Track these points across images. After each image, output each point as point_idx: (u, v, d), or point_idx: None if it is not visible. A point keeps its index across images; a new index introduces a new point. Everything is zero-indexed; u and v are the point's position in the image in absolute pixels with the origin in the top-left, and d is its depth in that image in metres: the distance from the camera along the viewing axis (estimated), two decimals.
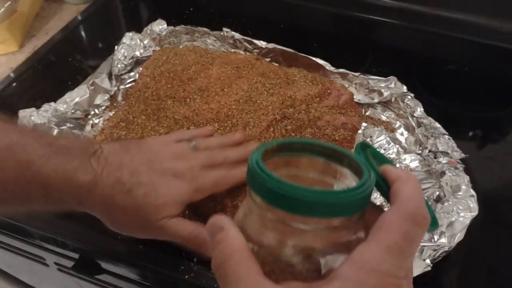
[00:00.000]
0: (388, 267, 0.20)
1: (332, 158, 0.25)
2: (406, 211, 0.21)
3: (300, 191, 0.20)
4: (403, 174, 0.23)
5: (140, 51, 0.68)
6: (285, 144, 0.25)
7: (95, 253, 0.49)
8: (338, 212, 0.21)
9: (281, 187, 0.21)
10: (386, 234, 0.21)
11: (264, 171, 0.21)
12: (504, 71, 0.70)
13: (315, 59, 0.64)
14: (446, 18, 0.75)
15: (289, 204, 0.21)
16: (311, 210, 0.21)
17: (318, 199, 0.20)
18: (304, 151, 0.25)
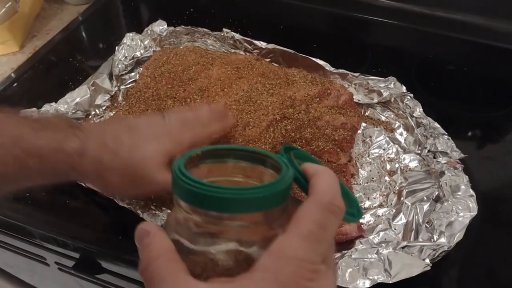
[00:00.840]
0: (304, 253, 0.21)
1: (256, 161, 0.26)
2: (321, 201, 0.23)
3: (219, 189, 0.21)
4: (320, 168, 0.25)
5: (140, 51, 0.68)
6: (209, 150, 0.26)
7: (95, 252, 0.49)
8: (258, 206, 0.22)
9: (200, 188, 0.21)
10: (301, 224, 0.22)
11: (184, 174, 0.22)
12: (504, 71, 0.70)
13: (315, 59, 0.64)
14: (446, 18, 0.75)
15: (209, 203, 0.22)
16: (231, 206, 0.22)
17: (236, 195, 0.21)
18: (229, 157, 0.26)
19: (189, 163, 0.24)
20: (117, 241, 0.48)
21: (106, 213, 0.51)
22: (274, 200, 0.23)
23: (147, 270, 0.22)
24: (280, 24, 0.78)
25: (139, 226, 0.24)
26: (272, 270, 0.21)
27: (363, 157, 0.56)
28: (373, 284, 0.42)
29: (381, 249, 0.45)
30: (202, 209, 0.22)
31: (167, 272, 0.22)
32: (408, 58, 0.72)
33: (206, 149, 0.26)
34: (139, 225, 0.24)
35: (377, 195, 0.52)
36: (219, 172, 0.26)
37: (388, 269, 0.43)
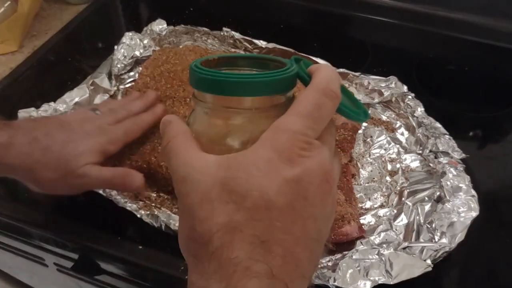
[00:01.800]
0: (298, 127, 0.24)
1: (268, 67, 0.28)
2: (317, 86, 0.25)
3: (227, 75, 0.24)
4: (322, 65, 0.27)
5: (140, 51, 0.68)
6: (224, 57, 0.29)
7: (94, 253, 0.49)
8: (262, 90, 0.25)
9: (211, 74, 0.24)
10: (298, 104, 0.24)
11: (198, 66, 0.25)
12: (505, 71, 0.70)
13: (315, 59, 0.64)
14: (447, 18, 0.75)
15: (220, 88, 0.25)
16: (238, 89, 0.24)
17: (243, 79, 0.24)
18: (242, 63, 0.29)
19: (205, 66, 0.26)
20: (116, 242, 0.48)
21: (105, 214, 0.51)
22: (277, 86, 0.25)
23: (166, 147, 0.26)
24: (280, 24, 0.77)
25: (163, 118, 0.28)
26: (268, 139, 0.23)
27: (364, 157, 0.56)
28: (374, 285, 0.42)
29: (382, 250, 0.44)
30: (212, 93, 0.25)
31: (182, 146, 0.25)
32: (409, 57, 0.71)
33: (221, 56, 0.28)
34: (163, 118, 0.28)
35: (378, 196, 0.52)
36: None
37: (389, 270, 0.43)
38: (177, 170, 0.25)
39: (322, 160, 0.24)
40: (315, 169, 0.23)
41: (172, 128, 0.27)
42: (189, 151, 0.25)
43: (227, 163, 0.23)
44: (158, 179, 0.51)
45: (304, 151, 0.23)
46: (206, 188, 0.23)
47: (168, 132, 0.27)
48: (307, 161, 0.23)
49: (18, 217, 0.51)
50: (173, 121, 0.27)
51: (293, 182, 0.23)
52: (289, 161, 0.23)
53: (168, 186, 0.51)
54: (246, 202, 0.22)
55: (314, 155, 0.24)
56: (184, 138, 0.26)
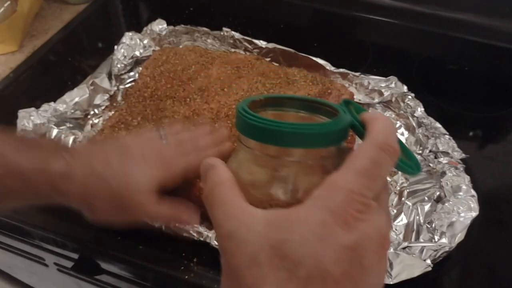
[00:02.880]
0: (355, 186, 0.22)
1: (316, 110, 0.27)
2: (375, 141, 0.23)
3: (277, 123, 0.23)
4: (377, 114, 0.25)
5: (140, 51, 0.68)
6: (271, 98, 0.27)
7: (94, 253, 0.49)
8: (313, 142, 0.23)
9: (260, 122, 0.23)
10: (355, 160, 0.23)
11: (247, 111, 0.24)
12: (505, 71, 0.70)
13: (315, 59, 0.64)
14: (447, 18, 0.75)
15: (270, 137, 0.23)
16: (288, 140, 0.23)
17: (293, 129, 0.23)
18: (289, 106, 0.27)
19: (251, 107, 0.25)
20: (116, 242, 0.48)
21: None
22: (329, 138, 0.24)
23: (209, 195, 0.24)
24: (280, 23, 0.77)
25: (204, 160, 0.26)
26: (323, 198, 0.22)
27: None
28: None
29: None
30: (261, 142, 0.24)
31: (226, 196, 0.24)
32: (409, 57, 0.71)
33: (268, 96, 0.27)
34: (204, 160, 0.26)
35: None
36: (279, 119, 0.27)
37: (389, 270, 0.43)
38: (221, 224, 0.23)
39: (379, 224, 0.22)
40: (373, 234, 0.22)
41: (216, 174, 0.25)
42: (235, 203, 0.23)
43: (278, 222, 0.22)
44: None
45: (361, 213, 0.22)
46: (255, 249, 0.21)
47: (211, 178, 0.25)
48: (364, 225, 0.21)
49: (18, 217, 0.51)
50: (216, 165, 0.25)
51: (350, 249, 0.21)
52: (346, 225, 0.21)
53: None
54: (299, 271, 0.20)
55: (371, 219, 0.22)
56: (229, 187, 0.24)
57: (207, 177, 0.25)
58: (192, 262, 0.46)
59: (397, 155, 0.24)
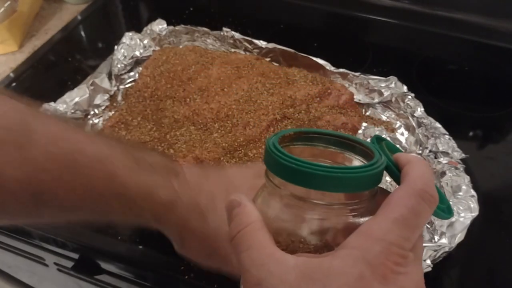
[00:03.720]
0: (394, 237, 0.21)
1: (346, 147, 0.26)
2: (414, 188, 0.22)
3: (310, 165, 0.22)
4: (413, 157, 0.24)
5: (140, 51, 0.68)
6: (301, 132, 0.26)
7: (94, 253, 0.49)
8: (346, 187, 0.22)
9: (292, 162, 0.22)
10: (393, 208, 0.21)
11: (277, 149, 0.23)
12: (505, 71, 0.70)
13: (315, 59, 0.64)
14: (447, 18, 0.75)
15: (303, 179, 0.22)
16: (320, 183, 0.22)
17: (326, 173, 0.21)
18: (319, 141, 0.26)
19: (280, 142, 0.25)
20: (117, 242, 0.48)
21: None
22: (364, 182, 0.23)
23: (236, 237, 0.23)
24: (280, 23, 0.77)
25: (231, 197, 0.25)
26: (359, 248, 0.21)
27: None
28: None
29: None
30: (292, 183, 0.23)
31: (255, 240, 0.22)
32: (409, 57, 0.71)
33: (298, 130, 0.27)
34: (230, 197, 0.25)
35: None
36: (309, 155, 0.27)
37: None
38: (249, 270, 0.22)
39: (417, 277, 0.21)
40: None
41: (243, 213, 0.24)
42: (265, 248, 0.22)
43: (310, 273, 0.20)
44: None
45: (399, 266, 0.21)
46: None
47: (238, 217, 0.24)
48: (402, 278, 0.21)
49: None
50: (243, 203, 0.24)
51: None
52: (383, 279, 0.20)
53: None
54: None
55: (409, 272, 0.21)
56: (258, 229, 0.23)
57: (233, 216, 0.24)
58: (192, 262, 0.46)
59: (436, 203, 0.23)
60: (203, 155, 0.50)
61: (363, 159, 0.25)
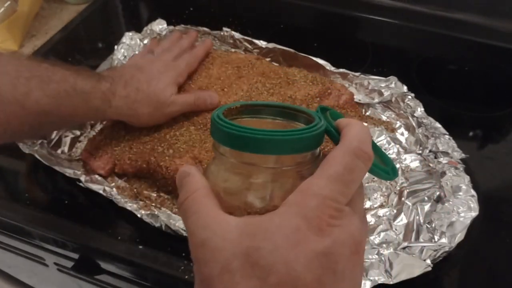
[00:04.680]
0: (328, 192, 0.22)
1: (292, 117, 0.27)
2: (349, 146, 0.23)
3: (252, 130, 0.23)
4: (352, 120, 0.25)
5: (140, 51, 0.68)
6: (246, 105, 0.27)
7: (94, 253, 0.49)
8: (288, 149, 0.23)
9: (235, 129, 0.23)
10: (328, 166, 0.23)
11: (221, 119, 0.24)
12: (505, 71, 0.70)
13: (315, 59, 0.64)
14: (447, 18, 0.75)
15: (244, 144, 0.23)
16: (263, 147, 0.23)
17: (268, 136, 0.22)
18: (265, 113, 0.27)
19: (227, 115, 0.25)
20: (117, 242, 0.48)
21: (105, 213, 0.51)
22: (304, 144, 0.23)
23: (184, 203, 0.24)
24: (280, 23, 0.77)
25: (181, 168, 0.26)
26: (296, 204, 0.22)
27: None
28: (374, 285, 0.42)
29: (381, 250, 0.45)
30: (236, 149, 0.23)
31: (201, 205, 0.23)
32: (409, 57, 0.71)
33: (244, 103, 0.27)
34: (181, 168, 0.26)
35: (378, 196, 0.52)
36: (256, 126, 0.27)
37: (388, 269, 0.43)
38: (195, 232, 0.23)
39: (353, 229, 0.22)
40: (346, 240, 0.22)
41: (191, 182, 0.25)
42: (210, 211, 0.23)
43: (251, 230, 0.21)
44: (158, 179, 0.51)
45: (334, 219, 0.22)
46: (227, 257, 0.21)
47: (186, 186, 0.25)
48: (337, 231, 0.22)
49: (18, 217, 0.51)
50: (192, 173, 0.25)
51: (322, 255, 0.21)
52: (319, 231, 0.21)
53: (168, 186, 0.51)
54: (270, 278, 0.20)
55: (344, 224, 0.22)
56: (203, 195, 0.24)
57: (182, 185, 0.25)
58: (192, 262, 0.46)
59: (371, 160, 0.24)
60: (201, 155, 0.50)
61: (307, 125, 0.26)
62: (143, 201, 0.51)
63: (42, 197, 0.53)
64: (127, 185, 0.53)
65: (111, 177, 0.54)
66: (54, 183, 0.54)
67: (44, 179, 0.54)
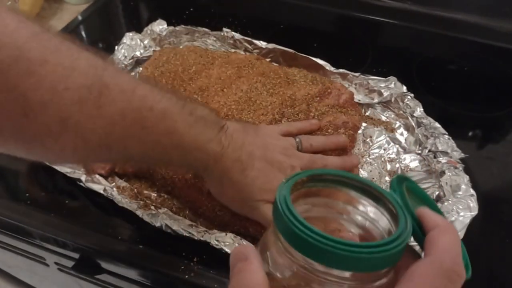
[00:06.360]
0: None
1: (366, 193, 0.24)
2: (441, 266, 0.20)
3: (328, 241, 0.19)
4: (442, 222, 0.22)
5: (140, 51, 0.68)
6: (316, 175, 0.24)
7: (95, 253, 0.49)
8: (367, 266, 0.20)
9: (307, 234, 0.19)
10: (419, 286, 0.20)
11: (290, 211, 0.20)
12: (505, 71, 0.70)
13: (315, 59, 0.64)
14: (447, 18, 0.75)
15: (313, 252, 0.20)
16: (337, 262, 0.20)
17: (346, 252, 0.19)
18: (335, 183, 0.24)
19: (293, 188, 0.22)
20: (117, 241, 0.48)
21: (106, 213, 0.51)
22: (387, 261, 0.20)
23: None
24: (280, 24, 0.78)
25: (237, 247, 0.23)
26: None
27: (364, 157, 0.56)
28: None
29: None
30: (303, 254, 0.20)
31: None
32: (409, 58, 0.72)
33: (312, 173, 0.23)
34: (237, 247, 0.23)
35: None
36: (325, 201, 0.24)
37: None
38: None
39: None
40: None
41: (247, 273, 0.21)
42: None
43: None
44: (158, 179, 0.51)
45: None
46: None
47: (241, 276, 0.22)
48: None
49: (19, 217, 0.52)
50: (249, 259, 0.22)
51: None
52: None
53: (167, 186, 0.51)
54: None
55: None
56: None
57: (237, 271, 0.22)
58: (192, 262, 0.46)
59: (462, 282, 0.20)
60: None
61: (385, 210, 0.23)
62: (143, 201, 0.51)
63: (43, 197, 0.53)
64: (128, 185, 0.53)
65: (111, 177, 0.54)
66: (55, 183, 0.54)
67: (44, 179, 0.54)
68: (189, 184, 0.49)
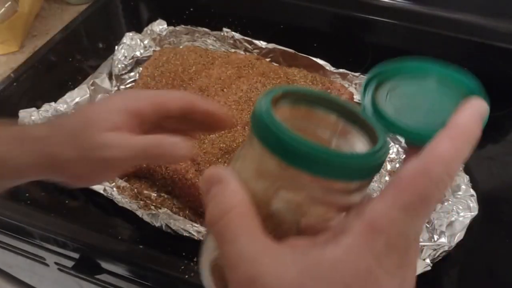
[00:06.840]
0: (401, 227, 0.18)
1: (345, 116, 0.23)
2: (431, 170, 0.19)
3: (311, 147, 0.18)
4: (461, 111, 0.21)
5: (140, 51, 0.68)
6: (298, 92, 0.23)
7: (95, 253, 0.49)
8: (350, 175, 0.20)
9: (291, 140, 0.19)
10: (403, 194, 0.18)
11: (273, 119, 0.19)
12: (504, 71, 0.70)
13: (315, 59, 0.64)
14: (446, 18, 0.75)
15: (295, 159, 0.19)
16: (320, 169, 0.19)
17: (329, 159, 0.19)
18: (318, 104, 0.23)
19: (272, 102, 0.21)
20: (117, 241, 0.48)
21: (105, 213, 0.51)
22: (368, 171, 0.20)
23: (217, 225, 0.19)
24: (280, 24, 0.78)
25: (207, 171, 0.20)
26: (364, 237, 0.18)
27: None
28: None
29: None
30: (286, 163, 0.19)
31: (242, 228, 0.19)
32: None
33: (295, 90, 0.22)
34: (208, 170, 0.20)
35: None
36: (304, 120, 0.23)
37: None
38: (238, 265, 0.18)
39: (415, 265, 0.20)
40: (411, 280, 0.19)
41: (225, 194, 0.20)
42: (255, 239, 0.19)
43: (312, 269, 0.18)
44: (158, 179, 0.51)
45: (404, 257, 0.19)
46: None
47: (218, 199, 0.20)
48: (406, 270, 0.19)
49: (19, 217, 0.52)
50: (225, 180, 0.20)
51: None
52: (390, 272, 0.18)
53: (167, 186, 0.51)
54: None
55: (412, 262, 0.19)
56: (244, 215, 0.19)
57: (212, 197, 0.20)
58: (192, 262, 0.46)
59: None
60: (198, 157, 0.50)
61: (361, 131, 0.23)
62: (143, 201, 0.51)
63: (43, 197, 0.53)
64: (128, 185, 0.53)
65: None
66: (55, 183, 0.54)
67: None
68: (189, 184, 0.49)
